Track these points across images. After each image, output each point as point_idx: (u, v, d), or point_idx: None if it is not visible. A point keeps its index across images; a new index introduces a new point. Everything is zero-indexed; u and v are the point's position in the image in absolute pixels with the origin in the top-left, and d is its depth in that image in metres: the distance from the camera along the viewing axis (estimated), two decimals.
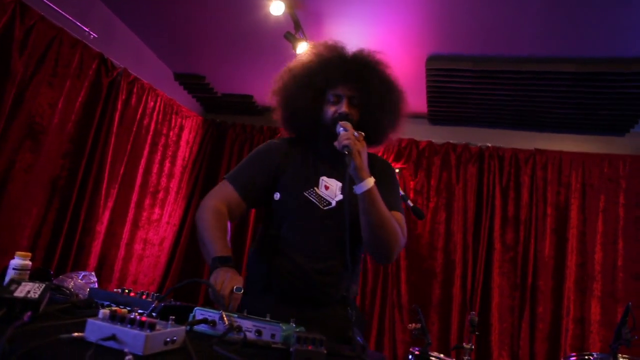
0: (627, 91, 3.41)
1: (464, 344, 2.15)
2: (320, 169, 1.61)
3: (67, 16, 3.10)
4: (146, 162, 4.02)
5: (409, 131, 4.41)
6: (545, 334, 3.75)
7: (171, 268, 4.46)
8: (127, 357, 0.71)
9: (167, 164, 4.31)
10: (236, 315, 1.08)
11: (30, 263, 1.32)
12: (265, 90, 1.74)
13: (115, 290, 1.26)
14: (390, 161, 4.35)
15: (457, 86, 3.76)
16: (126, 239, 3.89)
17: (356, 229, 1.48)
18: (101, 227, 3.55)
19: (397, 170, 4.27)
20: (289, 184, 1.59)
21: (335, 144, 1.44)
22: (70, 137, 3.23)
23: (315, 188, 1.56)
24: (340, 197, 1.56)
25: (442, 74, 3.62)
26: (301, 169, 1.61)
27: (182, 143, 4.51)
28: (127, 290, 1.25)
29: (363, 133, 1.49)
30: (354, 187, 1.42)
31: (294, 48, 3.24)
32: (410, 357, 2.41)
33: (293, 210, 1.56)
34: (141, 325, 0.81)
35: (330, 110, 1.57)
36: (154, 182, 4.15)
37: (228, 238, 1.48)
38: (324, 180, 1.59)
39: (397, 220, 1.52)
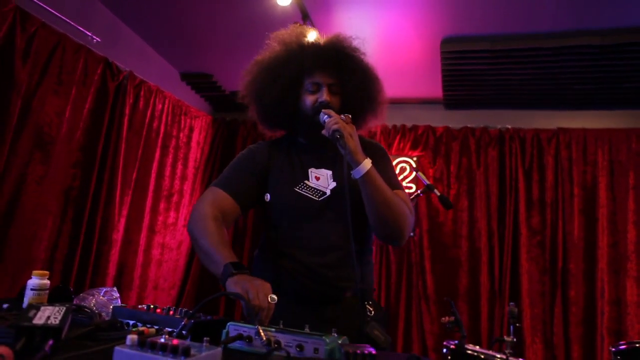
0: None
1: (504, 336, 2.05)
2: (306, 162, 1.55)
3: (69, 21, 3.02)
4: (158, 166, 3.95)
5: (424, 118, 4.29)
6: (580, 318, 3.63)
7: (190, 271, 4.40)
8: None
9: (180, 166, 4.24)
10: (273, 329, 0.99)
11: (48, 282, 1.25)
12: None
13: (139, 306, 1.18)
14: (407, 149, 4.24)
15: (473, 68, 3.63)
16: (143, 245, 3.83)
17: (361, 213, 1.42)
18: (118, 235, 3.48)
19: (414, 159, 4.17)
20: (277, 183, 1.53)
21: (324, 132, 1.38)
22: (80, 145, 3.16)
23: (306, 181, 1.50)
24: (333, 184, 1.50)
25: (457, 57, 3.49)
26: (287, 166, 1.55)
27: (193, 144, 4.43)
28: (152, 307, 1.16)
29: (350, 115, 1.43)
30: (351, 172, 1.36)
31: None
32: (444, 350, 2.31)
33: (288, 208, 1.50)
34: (174, 351, 0.73)
35: (310, 99, 1.50)
36: (167, 185, 4.08)
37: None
38: (313, 171, 1.53)
39: (401, 199, 1.45)
